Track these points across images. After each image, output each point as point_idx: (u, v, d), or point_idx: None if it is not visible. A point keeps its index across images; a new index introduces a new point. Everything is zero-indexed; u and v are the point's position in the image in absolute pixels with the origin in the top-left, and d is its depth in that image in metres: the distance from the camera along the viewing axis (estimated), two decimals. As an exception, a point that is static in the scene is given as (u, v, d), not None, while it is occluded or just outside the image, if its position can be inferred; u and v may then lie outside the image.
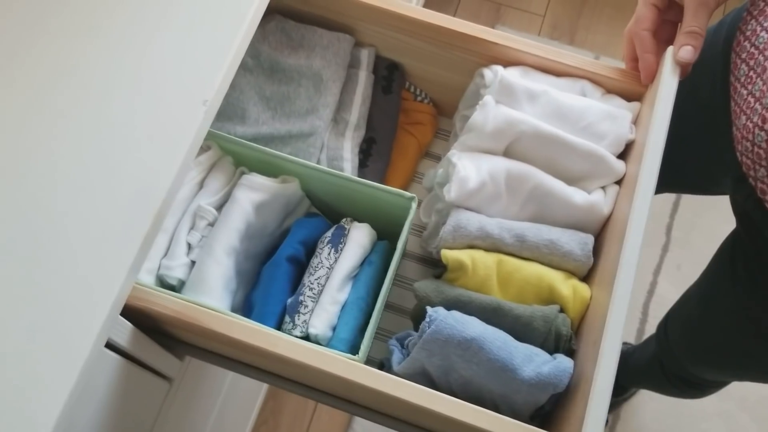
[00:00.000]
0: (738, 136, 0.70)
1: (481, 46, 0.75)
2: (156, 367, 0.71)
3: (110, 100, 0.59)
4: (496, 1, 2.01)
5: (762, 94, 0.66)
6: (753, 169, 0.68)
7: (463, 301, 0.65)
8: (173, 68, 0.59)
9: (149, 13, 0.62)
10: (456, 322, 0.61)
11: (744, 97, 0.69)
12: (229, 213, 0.70)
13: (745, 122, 0.68)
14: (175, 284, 0.70)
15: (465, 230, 0.68)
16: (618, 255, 0.62)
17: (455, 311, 0.63)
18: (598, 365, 0.58)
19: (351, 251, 0.71)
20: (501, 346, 0.61)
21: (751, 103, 0.68)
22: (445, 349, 0.60)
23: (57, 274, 0.52)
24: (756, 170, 0.67)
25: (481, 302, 0.65)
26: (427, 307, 0.63)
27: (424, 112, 0.86)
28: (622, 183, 0.71)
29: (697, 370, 1.08)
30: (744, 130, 0.68)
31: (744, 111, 0.69)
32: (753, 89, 0.68)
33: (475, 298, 0.65)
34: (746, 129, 0.68)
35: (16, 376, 0.50)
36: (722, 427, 1.59)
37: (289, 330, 0.67)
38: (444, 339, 0.60)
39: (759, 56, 0.68)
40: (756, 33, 0.70)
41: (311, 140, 0.78)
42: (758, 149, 0.66)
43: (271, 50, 0.79)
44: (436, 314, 0.62)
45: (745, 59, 0.71)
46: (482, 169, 0.69)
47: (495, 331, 0.62)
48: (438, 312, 0.62)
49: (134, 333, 0.62)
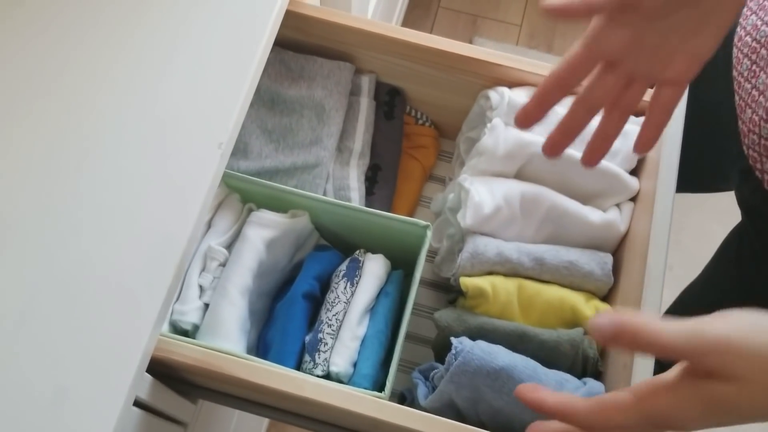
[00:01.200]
0: (744, 130, 0.70)
1: (484, 67, 0.74)
2: (173, 415, 0.69)
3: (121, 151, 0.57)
4: (472, 13, 2.02)
5: (766, 87, 0.66)
6: (760, 161, 0.68)
7: (487, 330, 0.64)
8: (186, 114, 0.58)
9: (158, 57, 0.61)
10: (483, 352, 0.60)
11: (748, 91, 0.70)
12: (241, 252, 0.69)
13: (751, 115, 0.68)
14: (189, 329, 0.68)
15: (483, 256, 0.67)
16: (642, 273, 0.62)
17: (481, 341, 0.61)
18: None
19: (367, 284, 0.70)
20: (531, 375, 0.60)
21: (756, 97, 0.68)
22: (474, 380, 0.59)
23: (79, 336, 0.50)
24: (763, 162, 0.67)
25: (505, 329, 0.64)
26: (452, 339, 0.62)
27: (426, 135, 0.85)
28: (636, 199, 0.70)
29: None
30: (750, 123, 0.68)
31: (749, 105, 0.69)
32: (757, 83, 0.68)
33: (498, 325, 0.64)
34: (752, 122, 0.68)
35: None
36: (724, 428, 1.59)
37: (309, 369, 0.66)
38: (472, 370, 0.59)
39: (762, 50, 0.69)
40: (757, 27, 0.70)
41: (316, 171, 0.77)
42: (765, 141, 0.66)
43: (271, 82, 0.78)
44: (461, 345, 0.61)
45: (748, 54, 0.71)
46: (496, 194, 0.68)
47: (523, 359, 0.61)
48: (463, 343, 0.61)
49: (154, 384, 0.60)
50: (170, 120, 0.58)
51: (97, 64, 0.61)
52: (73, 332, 0.50)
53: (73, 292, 0.52)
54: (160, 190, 0.55)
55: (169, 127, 0.57)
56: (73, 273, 0.52)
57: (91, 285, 0.52)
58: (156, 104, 0.59)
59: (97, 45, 0.62)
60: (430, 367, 0.66)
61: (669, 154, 0.65)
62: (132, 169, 0.56)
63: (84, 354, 0.50)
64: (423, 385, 0.66)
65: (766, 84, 0.66)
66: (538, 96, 0.56)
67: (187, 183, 0.55)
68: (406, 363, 0.78)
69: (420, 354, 0.79)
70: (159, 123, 0.58)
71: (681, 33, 0.53)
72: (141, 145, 0.57)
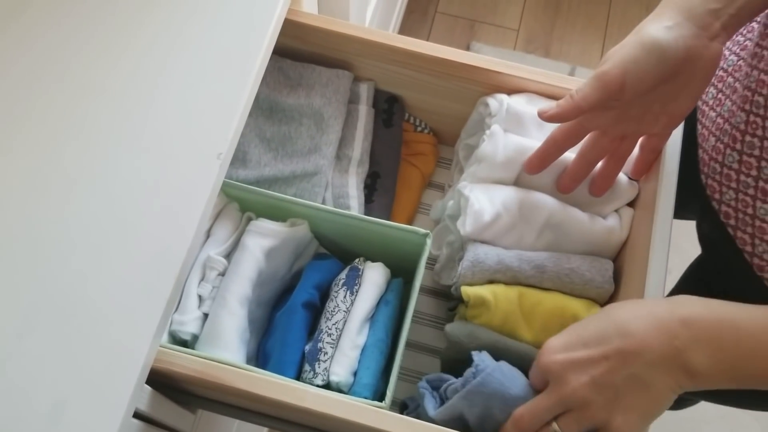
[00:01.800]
0: (705, 158, 0.70)
1: (483, 75, 0.74)
2: (172, 425, 0.69)
3: (121, 160, 0.57)
4: (469, 18, 2.02)
5: (731, 114, 0.65)
6: (719, 192, 0.67)
7: (499, 349, 0.63)
8: (185, 124, 0.57)
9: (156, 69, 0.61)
10: (504, 376, 0.59)
11: (713, 119, 0.70)
12: (240, 262, 0.68)
13: (715, 143, 0.68)
14: (188, 339, 0.67)
15: (484, 265, 0.67)
16: (643, 279, 0.62)
17: (503, 363, 0.61)
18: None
19: (367, 292, 0.69)
20: None
21: (721, 124, 0.67)
22: (488, 401, 0.58)
23: (78, 350, 0.50)
24: (722, 193, 0.67)
25: (518, 351, 0.63)
26: (474, 354, 0.61)
27: (425, 142, 0.85)
28: (636, 205, 0.70)
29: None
30: (713, 151, 0.68)
31: (713, 132, 0.69)
32: (722, 110, 0.68)
33: (511, 345, 0.63)
34: (716, 150, 0.68)
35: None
36: (726, 428, 1.59)
37: (309, 379, 0.66)
38: (489, 393, 0.58)
39: (728, 78, 0.69)
40: (725, 57, 0.71)
41: (315, 179, 0.76)
42: (727, 170, 0.66)
43: (270, 91, 0.78)
44: (483, 364, 0.60)
45: (714, 83, 0.72)
46: (496, 201, 0.68)
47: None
48: (485, 362, 0.60)
49: (153, 396, 0.60)
50: (169, 130, 0.57)
51: (95, 74, 0.61)
52: (72, 345, 0.50)
53: (72, 304, 0.51)
54: (159, 201, 0.55)
55: (167, 138, 0.57)
56: (73, 285, 0.52)
57: (90, 297, 0.52)
58: (155, 114, 0.58)
59: (95, 55, 0.61)
60: (439, 379, 0.66)
61: (669, 159, 0.65)
62: (131, 179, 0.56)
63: (83, 367, 0.50)
64: (431, 395, 0.65)
65: (731, 111, 0.66)
66: (540, 154, 0.68)
67: (187, 193, 0.55)
68: (406, 371, 0.78)
69: (421, 362, 0.78)
70: (158, 133, 0.58)
71: (661, 102, 0.62)
72: (139, 155, 0.57)
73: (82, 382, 0.49)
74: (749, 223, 0.64)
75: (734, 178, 0.65)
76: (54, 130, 0.58)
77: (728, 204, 0.66)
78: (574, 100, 0.60)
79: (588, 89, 0.60)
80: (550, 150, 0.67)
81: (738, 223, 0.66)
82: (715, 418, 1.60)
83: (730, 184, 0.65)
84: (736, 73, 0.67)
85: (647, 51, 0.58)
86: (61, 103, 0.59)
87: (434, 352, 0.79)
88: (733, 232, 0.67)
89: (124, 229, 0.54)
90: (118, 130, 0.58)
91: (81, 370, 0.49)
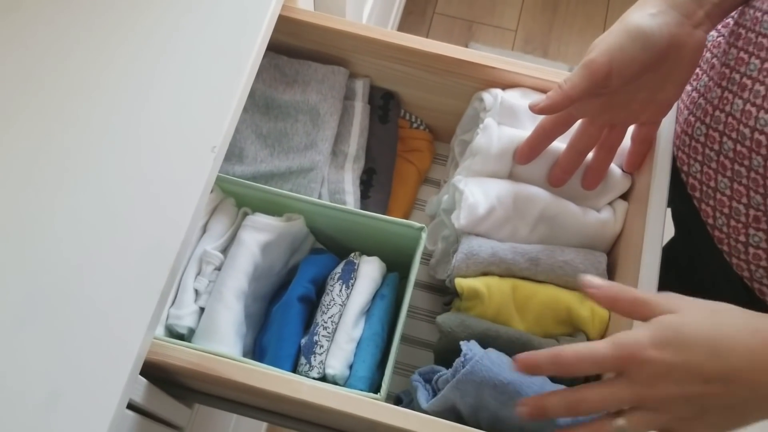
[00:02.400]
0: (678, 131, 0.72)
1: (478, 70, 0.75)
2: (169, 419, 0.69)
3: (115, 154, 0.57)
4: (467, 19, 2.03)
5: (707, 90, 0.67)
6: (687, 164, 0.69)
7: (491, 336, 0.63)
8: (179, 118, 0.58)
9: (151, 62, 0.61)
10: (492, 363, 0.59)
11: (689, 92, 0.71)
12: (236, 256, 0.69)
13: (687, 116, 0.70)
14: (184, 333, 0.68)
15: (478, 257, 0.67)
16: (636, 271, 0.62)
17: (491, 350, 0.61)
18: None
19: (362, 286, 0.70)
20: (537, 390, 0.59)
21: (696, 98, 0.69)
22: (479, 390, 0.59)
23: (72, 340, 0.50)
24: (690, 165, 0.68)
25: (509, 337, 0.63)
26: (462, 344, 0.61)
27: (421, 138, 0.85)
28: (630, 199, 0.71)
29: None
30: (685, 124, 0.70)
31: (687, 106, 0.71)
32: (698, 85, 0.70)
33: (503, 332, 0.64)
34: (687, 123, 0.69)
35: (38, 448, 0.47)
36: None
37: (305, 372, 0.66)
38: (479, 381, 0.58)
39: (707, 53, 0.70)
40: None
41: (312, 175, 0.77)
42: (695, 143, 0.67)
43: (266, 87, 0.78)
44: (471, 353, 0.60)
45: None
46: (490, 194, 0.68)
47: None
48: (473, 350, 0.60)
49: (149, 388, 0.60)
50: (163, 124, 0.58)
51: (89, 68, 0.61)
52: (66, 336, 0.50)
53: (66, 296, 0.52)
54: (153, 193, 0.55)
55: (162, 131, 0.57)
56: (66, 276, 0.52)
57: (84, 288, 0.52)
58: (149, 108, 0.59)
59: (89, 49, 0.62)
60: (431, 371, 0.66)
61: (662, 152, 0.65)
62: (125, 171, 0.56)
63: (77, 357, 0.50)
64: (423, 388, 0.66)
65: (708, 86, 0.67)
66: (530, 142, 0.69)
67: (181, 186, 0.55)
68: (402, 366, 0.78)
69: (416, 357, 0.79)
70: (152, 127, 0.58)
71: (647, 90, 0.63)
72: (134, 148, 0.57)
73: (76, 372, 0.49)
74: (711, 195, 0.66)
75: (700, 150, 0.66)
76: (47, 124, 0.58)
77: (694, 176, 0.68)
78: (563, 90, 0.61)
79: (576, 78, 0.61)
80: (540, 138, 0.68)
81: (702, 195, 0.67)
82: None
83: (696, 157, 0.67)
84: (715, 50, 0.69)
85: (632, 38, 0.59)
86: (54, 97, 0.59)
87: (430, 347, 0.79)
88: (698, 204, 0.68)
89: (118, 222, 0.54)
90: (113, 123, 0.58)
91: (75, 361, 0.50)
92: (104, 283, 0.52)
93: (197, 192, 0.54)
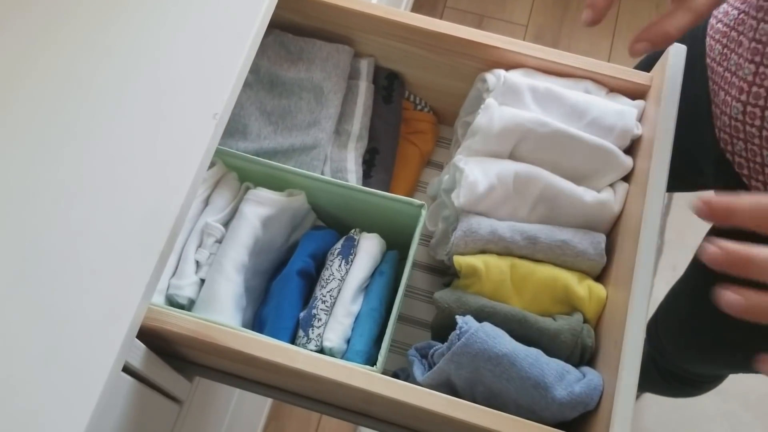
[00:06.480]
0: (717, 113, 0.73)
1: (482, 50, 0.75)
2: (168, 390, 0.70)
3: (118, 117, 0.58)
4: (478, 13, 2.03)
5: (738, 67, 0.68)
6: (731, 143, 0.70)
7: (487, 312, 0.64)
8: (181, 84, 0.58)
9: (155, 29, 0.62)
10: (487, 336, 0.60)
11: (721, 74, 0.72)
12: (237, 229, 0.69)
13: (724, 97, 0.71)
14: (185, 303, 0.68)
15: (476, 234, 0.67)
16: (634, 253, 0.62)
17: (486, 323, 0.61)
18: (621, 363, 0.57)
19: (362, 262, 0.70)
20: (533, 363, 0.59)
21: (728, 78, 0.70)
22: (474, 362, 0.59)
23: (72, 297, 0.51)
24: (734, 144, 0.70)
25: (505, 313, 0.64)
26: (458, 317, 0.62)
27: (424, 120, 0.86)
28: (630, 180, 0.71)
29: (690, 365, 1.08)
30: (723, 105, 0.71)
31: (722, 87, 0.72)
32: (729, 65, 0.71)
33: (499, 308, 0.64)
34: (725, 104, 0.70)
35: (35, 402, 0.48)
36: (726, 427, 1.59)
37: (303, 344, 0.66)
38: (474, 353, 0.59)
39: (731, 32, 0.71)
40: (727, 13, 0.74)
41: (314, 153, 0.77)
42: (735, 122, 0.69)
43: (271, 64, 0.79)
44: (467, 326, 0.60)
45: (719, 39, 0.74)
46: (490, 173, 0.69)
47: (526, 348, 0.61)
48: (469, 323, 0.61)
49: (148, 355, 0.61)
50: (165, 89, 0.58)
51: (94, 33, 0.61)
52: (66, 295, 0.51)
53: (65, 256, 0.52)
54: (154, 158, 0.56)
55: (164, 97, 0.58)
56: (66, 236, 0.53)
57: (83, 249, 0.53)
58: (152, 73, 0.59)
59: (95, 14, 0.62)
60: (428, 346, 0.66)
61: (662, 135, 0.65)
62: (126, 136, 0.57)
63: (75, 316, 0.50)
64: (419, 362, 0.66)
65: (738, 64, 0.68)
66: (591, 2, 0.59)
67: (182, 152, 0.56)
68: (400, 344, 0.79)
69: (414, 336, 0.79)
70: (154, 92, 0.59)
71: None
72: (136, 113, 0.58)
73: (74, 330, 0.50)
74: (760, 171, 0.68)
75: (741, 129, 0.68)
76: (52, 87, 0.59)
77: (740, 155, 0.70)
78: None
79: None
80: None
81: (751, 172, 0.70)
82: (715, 417, 1.60)
83: (739, 135, 0.69)
84: (740, 27, 0.70)
85: None
86: (59, 61, 0.60)
87: (429, 327, 0.79)
88: (747, 181, 0.71)
89: (119, 184, 0.55)
90: (116, 86, 0.59)
91: (73, 319, 0.50)
92: (102, 246, 0.53)
93: (197, 157, 0.55)
